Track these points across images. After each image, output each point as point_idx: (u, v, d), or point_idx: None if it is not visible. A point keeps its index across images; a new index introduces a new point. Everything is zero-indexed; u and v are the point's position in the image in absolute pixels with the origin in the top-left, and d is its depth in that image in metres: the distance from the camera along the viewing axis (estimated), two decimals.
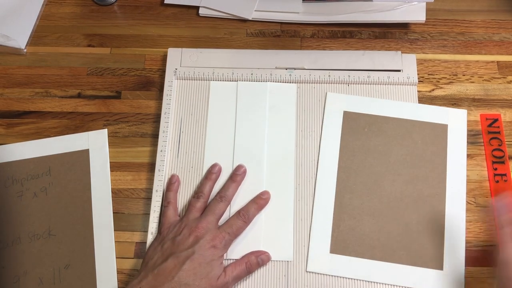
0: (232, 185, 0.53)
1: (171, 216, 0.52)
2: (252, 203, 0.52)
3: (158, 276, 0.46)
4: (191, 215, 0.51)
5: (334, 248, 0.52)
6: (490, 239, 0.53)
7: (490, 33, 0.64)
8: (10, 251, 0.52)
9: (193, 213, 0.51)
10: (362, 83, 0.59)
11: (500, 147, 0.57)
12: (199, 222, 0.49)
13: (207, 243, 0.48)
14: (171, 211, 0.52)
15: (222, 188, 0.53)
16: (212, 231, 0.49)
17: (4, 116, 0.60)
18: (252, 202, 0.52)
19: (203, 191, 0.52)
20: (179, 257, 0.47)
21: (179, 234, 0.49)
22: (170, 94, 0.59)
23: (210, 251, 0.47)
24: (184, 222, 0.50)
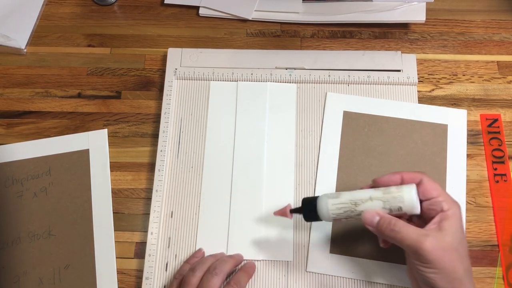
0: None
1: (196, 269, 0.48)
2: (242, 272, 0.50)
3: None
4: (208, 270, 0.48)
5: (334, 248, 0.52)
6: (490, 239, 0.53)
7: (490, 33, 0.64)
8: (10, 251, 0.52)
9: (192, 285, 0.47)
10: (362, 83, 0.59)
11: (500, 147, 0.57)
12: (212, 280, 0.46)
13: None
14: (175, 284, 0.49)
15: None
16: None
17: (4, 116, 0.60)
18: (242, 271, 0.50)
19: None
20: None
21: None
22: (170, 94, 0.59)
23: None
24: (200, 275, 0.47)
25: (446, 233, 0.40)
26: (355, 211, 0.43)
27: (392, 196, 0.42)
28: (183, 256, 0.52)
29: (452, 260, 0.40)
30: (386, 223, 0.41)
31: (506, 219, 0.53)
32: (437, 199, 0.42)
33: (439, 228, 0.40)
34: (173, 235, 0.53)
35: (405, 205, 0.41)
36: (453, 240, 0.40)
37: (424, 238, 0.39)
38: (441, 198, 0.42)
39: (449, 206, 0.41)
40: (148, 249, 0.52)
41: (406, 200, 0.41)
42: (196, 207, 0.54)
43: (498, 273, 0.51)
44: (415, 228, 0.40)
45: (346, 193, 0.44)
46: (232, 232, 0.53)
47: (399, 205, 0.41)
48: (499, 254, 0.52)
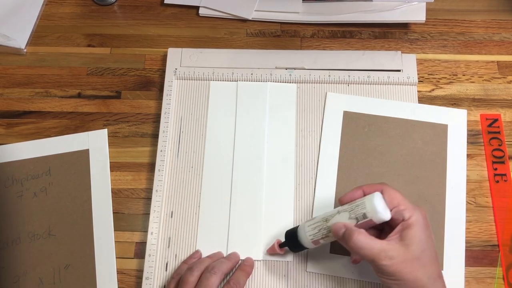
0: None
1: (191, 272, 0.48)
2: (240, 271, 0.49)
3: None
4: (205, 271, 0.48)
5: (334, 248, 0.52)
6: (490, 239, 0.53)
7: (490, 33, 0.64)
8: (10, 251, 0.52)
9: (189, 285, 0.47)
10: (362, 83, 0.59)
11: (500, 147, 0.57)
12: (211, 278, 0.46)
13: None
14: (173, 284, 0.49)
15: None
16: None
17: (4, 116, 0.60)
18: (240, 270, 0.50)
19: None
20: None
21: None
22: (170, 94, 0.59)
23: None
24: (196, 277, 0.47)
25: (406, 243, 0.40)
26: (327, 228, 0.44)
27: (355, 204, 0.43)
28: (183, 256, 0.52)
29: (413, 271, 0.40)
30: (348, 234, 0.41)
31: (506, 219, 0.53)
32: (398, 208, 0.42)
33: (400, 238, 0.41)
34: (173, 235, 0.53)
35: (368, 210, 0.41)
36: (415, 249, 0.40)
37: (384, 251, 0.40)
38: (402, 206, 0.42)
39: (410, 214, 0.41)
40: (148, 249, 0.52)
41: (368, 205, 0.41)
42: (196, 207, 0.54)
43: (498, 273, 0.51)
44: (377, 241, 0.41)
45: (320, 214, 0.46)
46: (232, 232, 0.53)
47: (362, 212, 0.42)
48: (499, 254, 0.52)
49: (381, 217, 0.41)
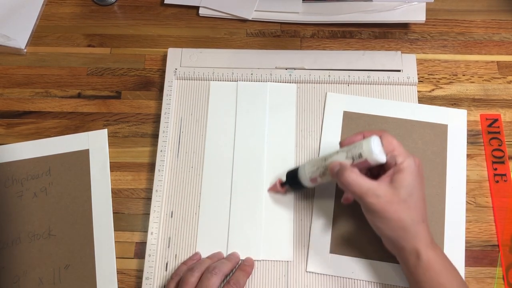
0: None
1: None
2: (240, 271, 0.50)
3: None
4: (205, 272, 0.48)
5: (334, 248, 0.52)
6: (490, 239, 0.53)
7: (490, 33, 0.64)
8: (10, 251, 0.52)
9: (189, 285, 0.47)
10: (362, 83, 0.59)
11: (500, 147, 0.57)
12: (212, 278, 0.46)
13: None
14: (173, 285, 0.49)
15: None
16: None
17: (4, 116, 0.60)
18: (240, 270, 0.50)
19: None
20: None
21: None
22: (170, 94, 0.59)
23: None
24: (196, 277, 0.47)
25: (395, 185, 0.42)
26: (324, 166, 0.46)
27: (353, 145, 0.44)
28: (183, 256, 0.52)
29: (398, 211, 0.42)
30: (341, 171, 0.43)
31: (506, 219, 0.53)
32: (392, 153, 0.44)
33: (390, 181, 0.43)
34: (173, 235, 0.53)
35: (364, 150, 0.43)
36: (403, 192, 0.42)
37: (372, 190, 0.42)
38: (396, 152, 0.44)
39: (403, 159, 0.43)
40: (148, 249, 0.52)
41: (365, 146, 0.43)
42: (196, 207, 0.54)
43: (498, 273, 0.51)
44: (367, 180, 0.43)
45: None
46: (232, 232, 0.53)
47: (359, 152, 0.43)
48: (499, 254, 0.52)
49: (376, 158, 0.43)
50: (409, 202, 0.42)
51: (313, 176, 0.48)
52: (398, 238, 0.43)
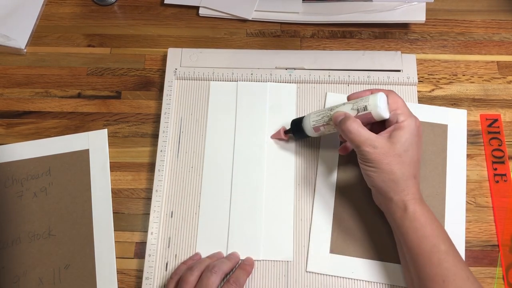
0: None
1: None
2: (240, 270, 0.50)
3: None
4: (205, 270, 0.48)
5: (334, 248, 0.52)
6: (490, 239, 0.53)
7: (490, 33, 0.64)
8: (10, 251, 0.52)
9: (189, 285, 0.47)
10: (362, 83, 0.59)
11: (500, 147, 0.57)
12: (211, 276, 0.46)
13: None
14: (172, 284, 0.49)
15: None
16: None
17: (4, 116, 0.60)
18: (240, 269, 0.50)
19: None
20: None
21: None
22: (170, 94, 0.59)
23: None
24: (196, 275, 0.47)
25: (393, 141, 0.45)
26: (329, 116, 0.48)
27: (360, 98, 0.47)
28: (183, 256, 0.52)
29: (390, 163, 0.44)
30: (344, 120, 0.46)
31: (506, 219, 0.53)
32: (396, 112, 0.46)
33: (389, 136, 0.45)
34: (173, 235, 0.53)
35: (369, 104, 0.45)
36: (399, 147, 0.44)
37: (370, 140, 0.44)
38: (399, 111, 0.46)
39: (405, 118, 0.45)
40: (148, 249, 0.52)
41: (371, 100, 0.45)
42: (196, 207, 0.54)
43: (498, 273, 0.51)
44: (367, 131, 0.45)
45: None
46: (232, 232, 0.53)
47: (364, 105, 0.46)
48: (499, 254, 0.52)
49: (380, 112, 0.45)
50: (403, 157, 0.44)
51: (317, 124, 0.50)
52: (388, 189, 0.45)
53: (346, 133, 0.45)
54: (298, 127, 0.52)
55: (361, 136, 0.45)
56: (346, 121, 0.45)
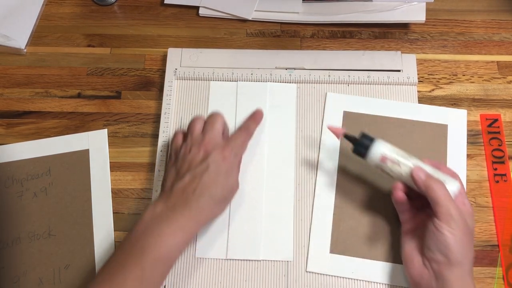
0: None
1: (178, 140, 0.52)
2: (249, 119, 0.54)
3: (177, 193, 0.46)
4: (194, 133, 0.50)
5: (334, 248, 0.52)
6: (490, 239, 0.53)
7: (490, 33, 0.64)
8: (10, 251, 0.52)
9: (196, 131, 0.50)
10: (362, 83, 0.59)
11: (500, 147, 0.57)
12: (204, 138, 0.49)
13: (218, 155, 0.48)
14: (179, 135, 0.52)
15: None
16: (219, 144, 0.49)
17: (4, 116, 0.60)
18: (249, 119, 0.54)
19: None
20: (195, 172, 0.47)
21: (188, 153, 0.49)
22: (170, 94, 0.59)
23: (223, 162, 0.48)
24: (189, 142, 0.50)
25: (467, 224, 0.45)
26: (407, 160, 0.47)
27: (440, 172, 0.47)
28: (183, 256, 0.52)
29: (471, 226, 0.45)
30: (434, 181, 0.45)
31: (506, 219, 0.53)
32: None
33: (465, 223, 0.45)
34: None
35: (450, 183, 0.45)
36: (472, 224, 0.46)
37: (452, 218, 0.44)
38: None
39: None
40: None
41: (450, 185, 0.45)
42: None
43: (498, 273, 0.51)
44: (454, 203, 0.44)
45: None
46: (232, 232, 0.53)
47: (444, 180, 0.45)
48: (499, 254, 0.52)
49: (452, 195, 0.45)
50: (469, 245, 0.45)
51: (388, 155, 0.47)
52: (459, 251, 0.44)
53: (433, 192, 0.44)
54: (365, 141, 0.48)
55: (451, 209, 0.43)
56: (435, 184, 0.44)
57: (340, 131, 0.50)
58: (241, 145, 0.51)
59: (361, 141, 0.48)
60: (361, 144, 0.48)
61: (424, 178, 0.45)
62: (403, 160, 0.46)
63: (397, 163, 0.46)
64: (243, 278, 0.51)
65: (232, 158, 0.49)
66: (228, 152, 0.48)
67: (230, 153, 0.49)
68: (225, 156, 0.48)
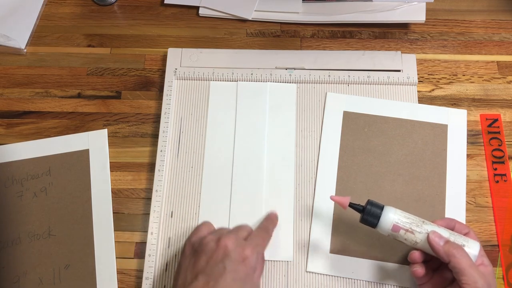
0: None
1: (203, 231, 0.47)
2: (266, 220, 0.51)
3: None
4: (222, 230, 0.47)
5: (334, 248, 0.52)
6: (490, 239, 0.53)
7: (490, 33, 0.64)
8: (10, 251, 0.52)
9: (224, 229, 0.47)
10: (362, 83, 0.59)
11: (500, 147, 0.57)
12: (227, 235, 0.45)
13: (238, 255, 0.43)
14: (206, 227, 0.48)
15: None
16: (241, 243, 0.45)
17: (4, 116, 0.60)
18: (266, 220, 0.51)
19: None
20: (210, 275, 0.42)
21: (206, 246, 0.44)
22: (170, 94, 0.59)
23: (243, 265, 0.43)
24: (212, 235, 0.46)
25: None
26: (421, 226, 0.44)
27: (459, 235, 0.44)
28: None
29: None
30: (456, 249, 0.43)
31: (506, 219, 0.53)
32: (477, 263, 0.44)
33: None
34: (173, 235, 0.53)
35: (469, 247, 0.43)
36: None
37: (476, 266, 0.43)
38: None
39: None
40: (148, 249, 0.52)
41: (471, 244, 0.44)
42: (196, 207, 0.54)
43: (498, 273, 0.51)
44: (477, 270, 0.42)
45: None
46: None
47: (462, 243, 0.43)
48: (499, 254, 0.52)
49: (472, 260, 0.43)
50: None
51: (400, 224, 0.44)
52: None
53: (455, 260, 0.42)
54: (374, 211, 0.45)
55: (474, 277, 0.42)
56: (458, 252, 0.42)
57: (346, 201, 0.46)
58: (263, 243, 0.47)
59: (369, 210, 0.45)
60: (370, 213, 0.45)
61: (443, 245, 0.43)
62: (417, 228, 0.44)
63: (411, 231, 0.44)
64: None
65: (253, 258, 0.44)
66: (249, 251, 0.44)
67: (252, 252, 0.44)
68: (246, 256, 0.43)
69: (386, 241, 0.51)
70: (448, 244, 0.43)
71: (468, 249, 0.43)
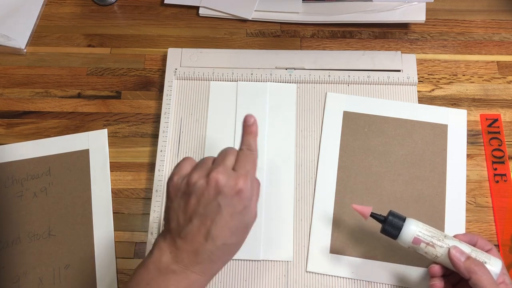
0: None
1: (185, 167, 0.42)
2: (246, 135, 0.43)
3: (185, 242, 0.39)
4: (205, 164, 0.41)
5: (334, 248, 0.52)
6: (490, 239, 0.53)
7: (490, 33, 0.64)
8: (10, 251, 0.52)
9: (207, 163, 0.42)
10: (362, 83, 0.59)
11: (500, 147, 0.57)
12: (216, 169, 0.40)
13: (231, 189, 0.39)
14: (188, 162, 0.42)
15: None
16: (232, 174, 0.40)
17: (4, 116, 0.60)
18: (246, 134, 0.43)
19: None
20: (205, 215, 0.39)
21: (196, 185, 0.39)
22: (170, 94, 0.59)
23: (239, 198, 0.39)
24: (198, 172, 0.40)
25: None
26: (442, 241, 0.43)
27: (481, 251, 0.44)
28: None
29: None
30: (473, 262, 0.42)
31: (506, 219, 0.53)
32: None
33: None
34: None
35: (491, 264, 0.43)
36: None
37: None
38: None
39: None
40: (148, 249, 0.52)
41: (493, 262, 0.43)
42: None
43: None
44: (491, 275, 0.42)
45: None
46: None
47: (484, 260, 0.43)
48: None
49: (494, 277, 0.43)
50: None
51: (421, 237, 0.44)
52: None
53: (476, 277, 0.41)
54: (396, 222, 0.44)
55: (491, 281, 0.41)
56: (479, 270, 0.42)
57: (367, 211, 0.45)
58: (253, 166, 0.42)
59: (391, 221, 0.44)
60: (391, 224, 0.44)
61: (464, 261, 0.42)
62: (438, 242, 0.43)
63: (432, 244, 0.43)
64: (243, 278, 0.51)
65: (248, 189, 0.40)
66: (242, 181, 0.39)
67: (245, 182, 0.40)
68: (240, 188, 0.39)
69: (386, 242, 0.51)
70: (469, 260, 0.42)
71: (489, 266, 0.42)
